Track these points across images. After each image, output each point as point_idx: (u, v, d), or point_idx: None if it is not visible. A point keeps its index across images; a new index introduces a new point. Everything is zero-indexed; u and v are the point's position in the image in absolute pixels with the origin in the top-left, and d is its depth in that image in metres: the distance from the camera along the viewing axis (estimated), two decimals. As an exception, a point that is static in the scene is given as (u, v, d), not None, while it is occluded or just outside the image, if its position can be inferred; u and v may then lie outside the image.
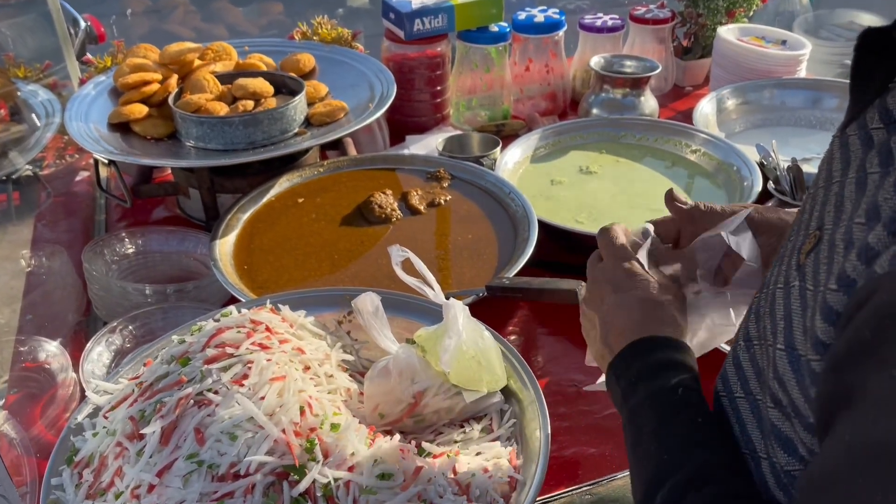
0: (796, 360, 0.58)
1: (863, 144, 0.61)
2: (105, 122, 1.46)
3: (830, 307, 0.54)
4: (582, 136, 1.65)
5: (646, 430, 0.69)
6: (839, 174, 0.63)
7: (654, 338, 0.76)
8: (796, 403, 0.59)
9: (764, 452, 0.65)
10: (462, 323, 0.91)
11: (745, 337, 0.71)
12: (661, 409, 0.70)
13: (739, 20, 1.98)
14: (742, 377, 0.69)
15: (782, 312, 0.62)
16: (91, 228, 1.56)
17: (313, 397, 0.80)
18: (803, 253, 0.62)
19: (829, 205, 0.62)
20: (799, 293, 0.60)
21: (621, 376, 0.75)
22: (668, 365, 0.73)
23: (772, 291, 0.66)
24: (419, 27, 1.71)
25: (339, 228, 1.36)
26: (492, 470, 0.81)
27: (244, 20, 3.24)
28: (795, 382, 0.58)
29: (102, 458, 0.81)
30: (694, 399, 0.70)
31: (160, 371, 0.85)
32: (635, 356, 0.75)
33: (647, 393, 0.72)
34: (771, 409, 0.63)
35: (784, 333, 0.61)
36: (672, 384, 0.71)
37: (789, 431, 0.61)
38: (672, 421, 0.69)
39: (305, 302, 1.05)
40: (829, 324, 0.54)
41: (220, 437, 0.74)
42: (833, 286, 0.54)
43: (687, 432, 0.68)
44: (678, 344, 0.76)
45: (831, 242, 0.58)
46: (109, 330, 1.16)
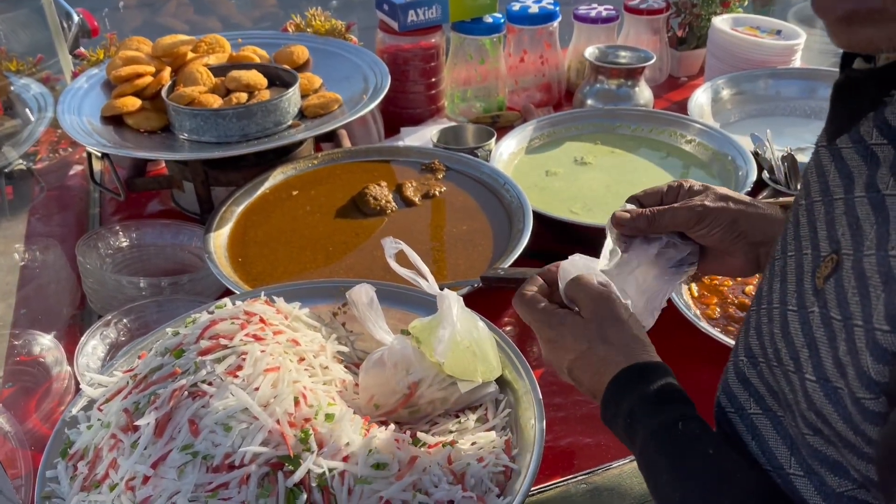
0: (834, 393, 0.57)
1: (864, 160, 0.59)
2: (98, 115, 1.46)
3: (883, 348, 0.52)
4: (577, 127, 1.65)
5: (663, 480, 0.67)
6: (841, 190, 0.61)
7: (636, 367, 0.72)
8: (843, 435, 0.57)
9: (800, 471, 0.63)
10: (456, 313, 0.91)
11: (748, 353, 0.69)
12: (669, 450, 0.67)
13: (734, 10, 1.98)
14: (754, 393, 0.68)
15: (803, 340, 0.60)
16: (85, 222, 1.55)
17: (308, 388, 0.80)
18: (820, 277, 0.60)
19: (840, 225, 0.59)
20: (821, 321, 0.58)
21: (615, 416, 0.72)
22: (658, 396, 0.70)
23: (780, 311, 0.64)
24: (413, 18, 1.70)
25: (333, 220, 1.36)
26: (487, 459, 0.81)
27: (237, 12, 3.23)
28: (839, 416, 0.57)
29: (97, 450, 0.80)
30: (697, 429, 0.67)
31: (154, 363, 0.85)
32: (624, 392, 0.71)
33: (647, 433, 0.69)
34: (809, 435, 0.61)
35: (812, 363, 0.59)
36: (670, 420, 0.68)
37: (837, 456, 0.60)
38: (683, 462, 0.66)
39: (300, 294, 1.05)
40: (883, 363, 0.52)
41: (215, 429, 0.74)
42: (884, 327, 0.52)
43: (704, 471, 0.65)
44: (652, 366, 0.72)
45: (859, 272, 0.55)
46: (104, 323, 1.16)
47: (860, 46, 0.55)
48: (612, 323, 0.76)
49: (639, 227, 0.85)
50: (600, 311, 0.76)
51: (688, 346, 1.14)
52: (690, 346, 1.13)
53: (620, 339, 0.75)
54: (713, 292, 1.21)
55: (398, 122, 1.78)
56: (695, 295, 1.21)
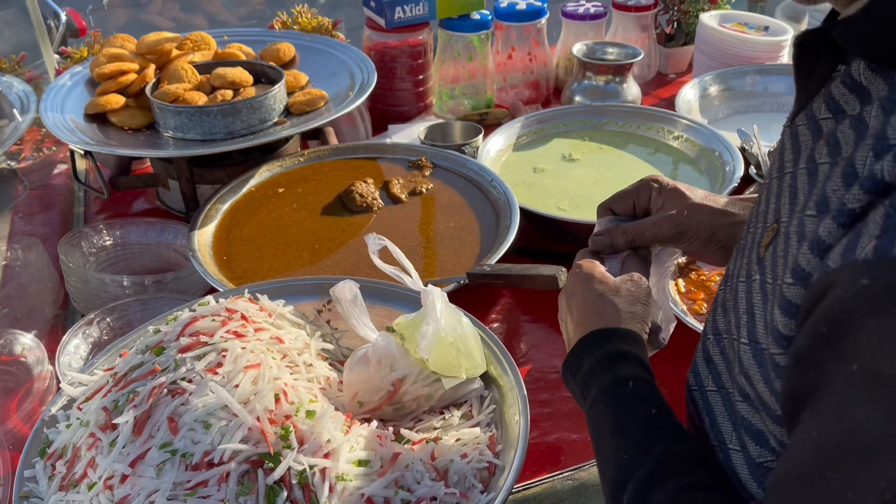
0: (760, 353, 0.59)
1: (812, 134, 0.62)
2: (81, 112, 1.44)
3: (789, 300, 0.54)
4: (565, 124, 1.64)
5: (604, 430, 0.69)
6: (791, 164, 0.63)
7: (602, 330, 0.76)
8: (763, 397, 0.59)
9: (737, 444, 0.64)
10: (440, 310, 0.90)
11: (714, 330, 0.71)
12: (615, 405, 0.70)
13: (722, 7, 1.98)
14: (714, 371, 0.69)
15: (745, 306, 0.62)
16: (69, 221, 1.54)
17: (289, 385, 0.79)
18: (763, 246, 0.62)
19: (784, 196, 0.62)
20: (760, 287, 0.61)
21: (576, 374, 0.75)
22: (617, 357, 0.73)
23: (734, 285, 0.66)
24: (400, 15, 1.69)
25: (319, 218, 1.35)
26: (470, 455, 0.80)
27: (223, 10, 3.21)
28: (760, 376, 0.59)
29: (76, 449, 0.79)
30: (645, 390, 0.70)
31: (134, 361, 0.84)
32: (585, 352, 0.75)
33: (599, 389, 0.72)
34: (739, 402, 0.63)
35: (747, 328, 0.61)
36: (622, 377, 0.71)
37: (759, 424, 0.61)
38: (627, 417, 0.69)
39: (285, 291, 1.04)
40: (789, 317, 0.54)
41: (194, 426, 0.73)
42: (789, 279, 0.54)
43: (643, 427, 0.67)
44: (626, 333, 0.75)
45: (787, 235, 0.58)
46: (87, 322, 1.14)
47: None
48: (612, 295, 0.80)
49: (619, 246, 0.87)
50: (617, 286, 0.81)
51: (674, 340, 1.13)
52: (677, 341, 1.12)
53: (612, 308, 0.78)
54: (700, 288, 1.21)
55: (386, 119, 1.78)
56: (682, 290, 1.20)
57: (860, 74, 0.57)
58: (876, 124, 0.51)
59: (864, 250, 0.45)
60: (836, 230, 0.50)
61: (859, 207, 0.48)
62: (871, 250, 0.45)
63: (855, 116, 0.56)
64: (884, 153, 0.47)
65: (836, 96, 0.60)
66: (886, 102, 0.52)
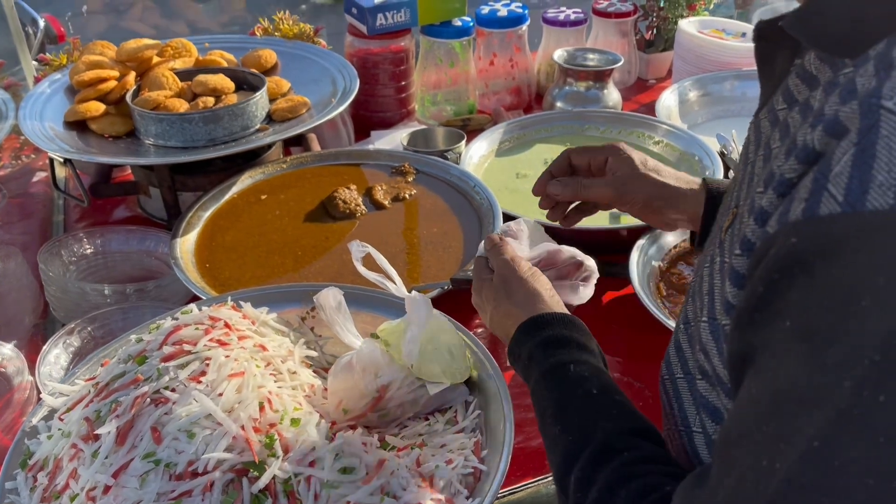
0: (716, 329, 0.61)
1: (771, 125, 0.64)
2: (61, 120, 1.43)
3: (737, 272, 0.56)
4: (546, 130, 1.66)
5: (548, 413, 0.71)
6: (752, 155, 0.66)
7: (541, 316, 0.79)
8: (717, 371, 0.61)
9: (699, 426, 0.66)
10: (425, 316, 0.90)
11: (684, 320, 0.72)
12: (556, 388, 0.72)
13: (700, 13, 2.00)
14: (682, 358, 0.71)
15: (707, 288, 0.65)
16: (49, 230, 1.52)
17: (273, 393, 0.79)
18: (724, 230, 0.65)
19: (744, 183, 0.65)
20: (719, 268, 0.63)
21: (517, 360, 0.78)
22: (555, 342, 0.76)
23: (700, 273, 0.69)
24: (382, 22, 1.70)
25: (302, 225, 1.35)
26: (456, 461, 0.80)
27: (205, 17, 3.19)
28: (716, 350, 0.61)
29: (57, 460, 0.79)
30: (586, 372, 0.72)
31: (116, 370, 0.83)
32: (524, 339, 0.78)
33: (540, 373, 0.74)
34: (699, 380, 0.65)
35: (708, 307, 0.63)
36: (562, 361, 0.74)
37: (716, 401, 0.63)
38: (568, 399, 0.71)
39: (268, 299, 1.04)
40: (738, 287, 0.56)
41: (178, 436, 0.73)
42: (738, 251, 0.56)
43: (584, 408, 0.69)
44: (564, 319, 0.79)
45: (742, 215, 0.60)
46: (67, 332, 1.13)
47: None
48: (514, 281, 0.86)
49: (566, 194, 1.05)
50: (503, 273, 0.88)
51: (657, 344, 1.13)
52: (660, 343, 1.13)
53: (521, 295, 0.85)
54: (681, 292, 1.22)
55: (368, 125, 1.78)
56: (663, 294, 1.21)
57: (811, 65, 0.60)
58: (818, 105, 0.55)
59: (795, 213, 0.48)
60: (776, 199, 0.52)
61: (795, 177, 0.51)
62: (799, 213, 0.47)
63: (803, 102, 0.59)
64: (817, 125, 0.50)
65: (791, 87, 0.63)
66: (828, 85, 0.55)
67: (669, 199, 1.01)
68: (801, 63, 0.63)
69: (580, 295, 0.94)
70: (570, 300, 0.94)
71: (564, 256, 0.94)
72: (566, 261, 0.94)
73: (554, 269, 0.95)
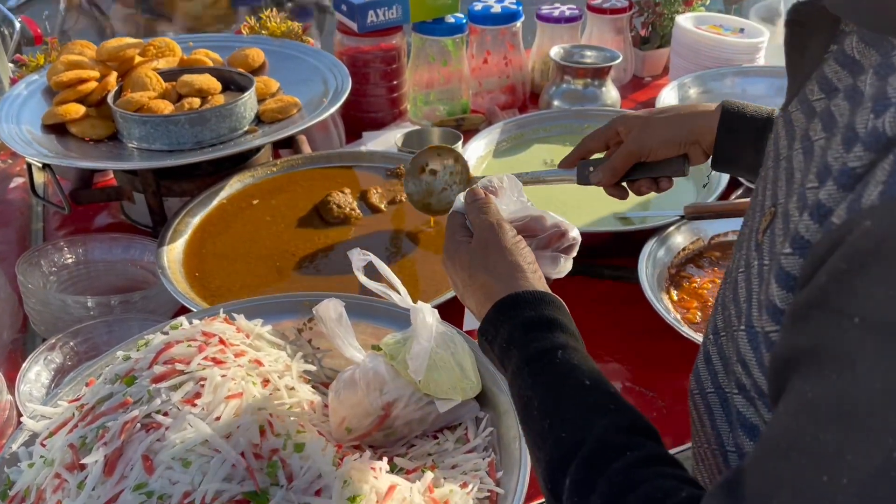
0: (755, 337, 0.56)
1: (805, 116, 0.61)
2: (39, 123, 1.37)
3: (787, 272, 0.51)
4: (545, 129, 1.61)
5: (533, 405, 0.63)
6: (785, 150, 0.62)
7: (521, 294, 0.70)
8: (758, 383, 0.56)
9: (732, 445, 0.62)
10: (432, 327, 0.85)
11: (714, 330, 0.68)
12: (543, 377, 0.64)
13: (696, 9, 1.96)
14: (712, 371, 0.67)
15: (744, 295, 0.60)
16: (27, 238, 1.46)
17: (274, 415, 0.73)
18: (760, 231, 0.60)
19: (781, 180, 0.61)
20: (758, 272, 0.58)
21: (493, 341, 0.70)
22: (539, 324, 0.67)
23: (734, 278, 0.64)
24: (373, 19, 1.64)
25: (295, 230, 1.29)
26: (471, 484, 0.75)
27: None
28: (756, 361, 0.56)
29: (40, 491, 0.73)
30: (575, 359, 0.64)
31: (103, 392, 0.77)
32: (502, 318, 0.69)
33: (522, 358, 0.66)
34: (736, 395, 0.60)
35: (746, 314, 0.59)
36: (547, 346, 0.65)
37: (753, 417, 0.59)
38: (558, 390, 0.63)
39: (262, 310, 0.98)
40: (787, 290, 0.52)
41: (172, 464, 0.67)
42: (787, 250, 0.52)
43: (578, 401, 0.61)
44: (546, 298, 0.70)
45: (785, 213, 0.56)
46: (48, 347, 1.07)
47: None
48: (495, 250, 0.74)
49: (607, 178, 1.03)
50: (484, 238, 0.76)
51: (670, 351, 1.10)
52: (672, 350, 1.09)
53: (502, 268, 0.73)
54: (693, 296, 1.17)
55: (359, 126, 1.72)
56: (674, 299, 1.17)
57: (853, 49, 0.56)
58: (872, 90, 0.50)
59: (870, 198, 0.44)
60: (837, 192, 0.48)
61: (861, 166, 0.47)
62: (876, 196, 0.43)
63: (848, 88, 0.55)
64: (884, 110, 0.46)
65: (829, 75, 0.59)
66: (881, 68, 0.51)
67: (684, 125, 0.99)
68: (838, 49, 0.59)
69: (560, 268, 0.83)
70: (548, 272, 0.83)
71: (548, 224, 0.82)
72: (549, 228, 0.83)
73: (535, 237, 0.82)
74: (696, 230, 1.26)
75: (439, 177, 1.21)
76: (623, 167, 1.01)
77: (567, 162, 1.09)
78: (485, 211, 0.78)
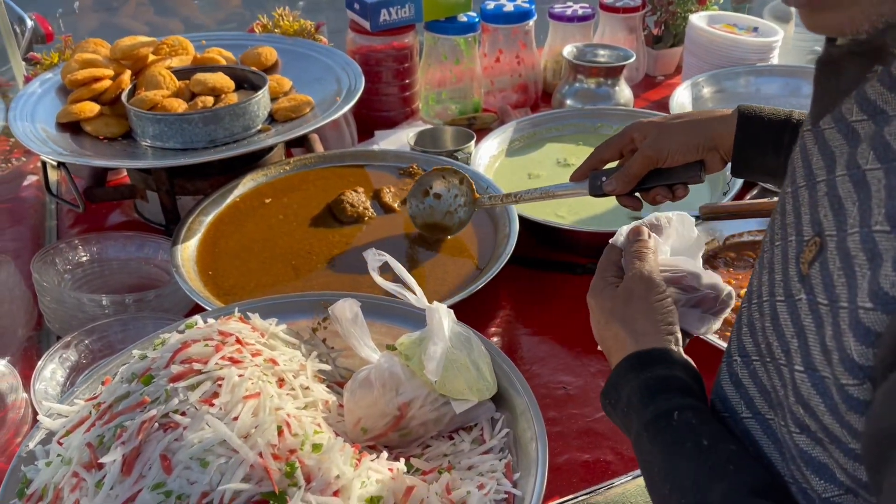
0: (821, 382, 0.54)
1: (846, 138, 0.58)
2: (53, 122, 1.37)
3: (867, 327, 0.49)
4: (557, 128, 1.60)
5: (654, 471, 0.62)
6: (823, 172, 0.60)
7: (637, 354, 0.69)
8: (830, 429, 0.54)
9: (790, 477, 0.60)
10: (447, 327, 0.85)
11: (741, 352, 0.66)
12: (661, 441, 0.63)
13: (710, 7, 1.95)
14: (745, 396, 0.65)
15: (793, 329, 0.58)
16: (41, 236, 1.46)
17: (292, 415, 0.73)
18: (804, 263, 0.58)
19: (823, 207, 0.58)
20: (809, 308, 0.56)
21: (616, 406, 0.69)
22: (657, 386, 0.66)
23: (770, 304, 0.62)
24: (385, 18, 1.64)
25: (309, 229, 1.29)
26: (488, 485, 0.75)
27: (200, 13, 3.12)
28: (825, 407, 0.54)
29: (57, 490, 0.73)
30: (693, 420, 0.63)
31: (120, 391, 0.77)
32: (621, 381, 0.68)
33: (641, 424, 0.65)
34: (796, 434, 0.58)
35: (801, 353, 0.56)
36: (664, 409, 0.64)
37: (822, 457, 0.56)
38: (676, 455, 0.62)
39: (277, 309, 0.98)
40: (867, 345, 0.49)
41: (190, 464, 0.67)
42: (867, 304, 0.49)
43: (696, 464, 0.60)
44: (664, 354, 0.68)
45: (843, 252, 0.53)
46: (63, 345, 1.07)
47: (826, 29, 0.58)
48: (638, 304, 0.72)
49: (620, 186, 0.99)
50: (631, 288, 0.74)
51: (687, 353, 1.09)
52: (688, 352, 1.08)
53: (638, 323, 0.71)
54: (708, 296, 1.17)
55: (371, 125, 1.72)
56: (689, 300, 1.16)
57: None
58: None
59: None
60: None
61: None
62: None
63: None
64: None
65: (872, 96, 0.57)
66: None
67: (701, 130, 0.96)
68: (885, 70, 0.56)
69: (707, 326, 0.81)
70: (693, 329, 0.80)
71: (703, 282, 0.79)
72: (703, 288, 0.79)
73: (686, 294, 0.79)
74: (711, 230, 1.26)
75: (443, 200, 1.23)
76: (639, 173, 0.98)
77: (579, 173, 1.05)
78: (640, 257, 0.76)
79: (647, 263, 0.75)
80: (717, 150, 0.96)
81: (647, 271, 0.75)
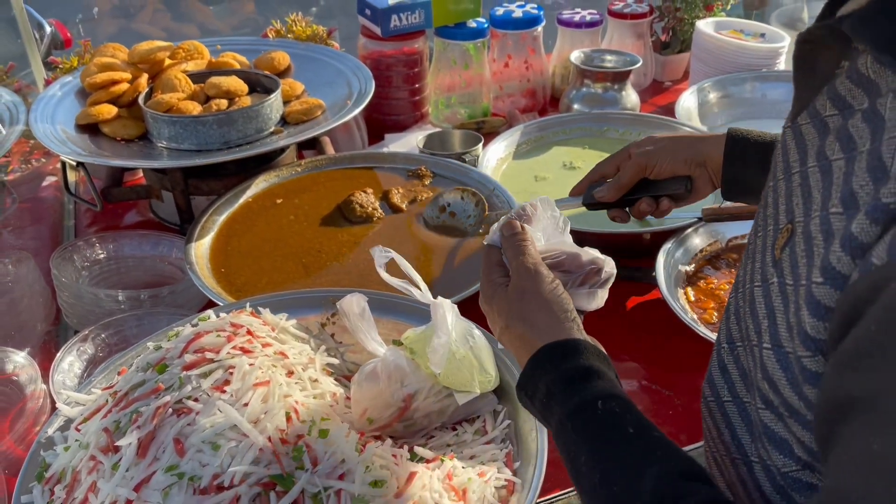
0: (784, 357, 0.56)
1: (818, 132, 0.61)
2: (72, 123, 1.41)
3: (818, 301, 0.52)
4: (564, 132, 1.63)
5: (581, 461, 0.62)
6: (798, 164, 0.62)
7: (557, 345, 0.68)
8: (790, 402, 0.57)
9: (756, 456, 0.62)
10: (451, 322, 0.87)
11: (728, 339, 0.68)
12: (587, 431, 0.63)
13: (717, 14, 1.97)
14: (728, 381, 0.67)
15: (764, 311, 0.60)
16: (60, 234, 1.50)
17: (300, 402, 0.76)
18: (777, 248, 0.60)
19: (796, 196, 0.61)
20: (779, 289, 0.59)
21: (533, 397, 0.68)
22: (578, 375, 0.66)
23: (749, 290, 0.64)
24: (396, 23, 1.67)
25: (319, 229, 1.32)
26: (488, 473, 0.77)
27: (215, 19, 3.17)
28: (787, 381, 0.56)
29: (75, 473, 0.76)
30: (616, 408, 0.63)
31: (135, 379, 0.80)
32: (539, 373, 0.68)
33: (564, 413, 0.65)
34: (762, 410, 0.60)
35: (769, 332, 0.59)
36: (588, 398, 0.64)
37: (783, 432, 0.59)
38: (604, 443, 0.62)
39: (287, 304, 1.01)
40: (818, 318, 0.52)
41: (202, 447, 0.70)
42: (818, 279, 0.52)
43: (625, 451, 0.61)
44: (578, 345, 0.68)
45: (807, 234, 0.56)
46: (81, 338, 1.11)
47: None
48: (532, 299, 0.72)
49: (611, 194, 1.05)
50: (521, 285, 0.73)
51: (686, 351, 1.11)
52: (689, 350, 1.10)
53: (539, 318, 0.71)
54: (710, 297, 1.19)
55: (381, 128, 1.75)
56: (691, 300, 1.18)
57: (867, 68, 0.56)
58: (894, 115, 0.50)
59: None
60: (871, 227, 0.48)
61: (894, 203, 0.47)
62: None
63: (866, 110, 0.55)
64: None
65: (842, 92, 0.59)
66: None
67: (692, 146, 1.01)
68: (850, 66, 0.59)
69: (597, 301, 0.82)
70: (584, 307, 0.82)
71: (583, 260, 0.81)
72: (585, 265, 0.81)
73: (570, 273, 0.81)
74: (713, 232, 1.28)
75: (457, 218, 1.28)
76: (629, 181, 1.03)
77: (578, 188, 1.11)
78: (522, 251, 0.75)
79: (529, 256, 0.75)
80: (705, 167, 1.00)
81: (531, 264, 0.74)
